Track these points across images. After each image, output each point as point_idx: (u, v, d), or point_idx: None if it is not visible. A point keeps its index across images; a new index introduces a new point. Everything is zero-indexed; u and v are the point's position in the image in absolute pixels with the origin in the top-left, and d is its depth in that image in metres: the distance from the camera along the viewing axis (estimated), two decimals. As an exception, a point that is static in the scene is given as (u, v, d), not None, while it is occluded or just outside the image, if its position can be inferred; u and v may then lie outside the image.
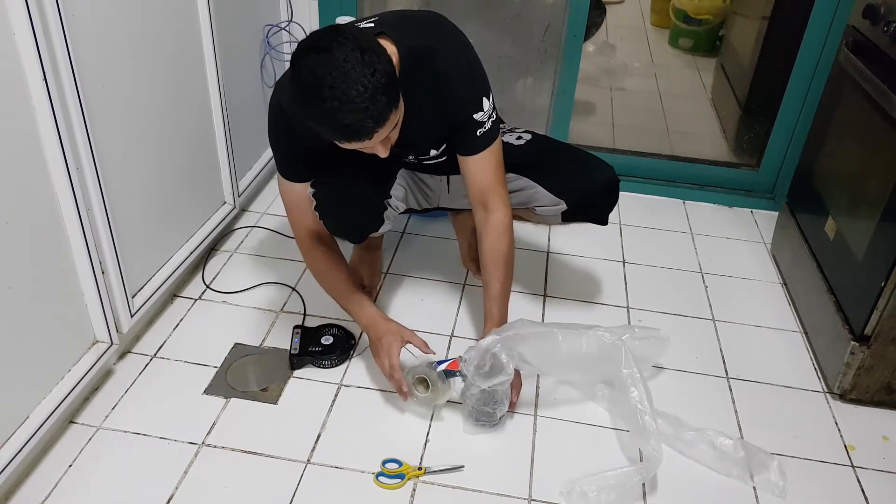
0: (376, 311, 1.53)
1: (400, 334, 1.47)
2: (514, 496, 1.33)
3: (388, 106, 1.17)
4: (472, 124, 1.41)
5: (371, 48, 1.16)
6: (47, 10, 1.20)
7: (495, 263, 1.48)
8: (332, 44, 1.14)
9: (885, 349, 1.50)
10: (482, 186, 1.47)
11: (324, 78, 1.13)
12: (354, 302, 1.55)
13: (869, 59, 1.61)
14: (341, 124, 1.16)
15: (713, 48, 3.66)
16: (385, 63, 1.17)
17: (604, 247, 2.11)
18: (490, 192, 1.47)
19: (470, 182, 1.48)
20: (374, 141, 1.22)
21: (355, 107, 1.13)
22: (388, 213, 1.57)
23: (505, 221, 1.48)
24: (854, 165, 1.69)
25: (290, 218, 1.59)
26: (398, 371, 1.44)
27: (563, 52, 2.24)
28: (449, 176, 1.69)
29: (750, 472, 1.38)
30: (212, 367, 1.58)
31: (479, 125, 1.42)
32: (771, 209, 2.33)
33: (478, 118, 1.41)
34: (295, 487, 1.32)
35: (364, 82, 1.13)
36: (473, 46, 1.43)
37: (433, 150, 1.51)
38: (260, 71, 2.17)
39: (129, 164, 1.53)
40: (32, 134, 1.24)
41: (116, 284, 1.49)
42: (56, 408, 1.34)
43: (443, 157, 1.55)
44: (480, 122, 1.42)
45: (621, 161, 2.45)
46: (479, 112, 1.41)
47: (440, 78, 1.37)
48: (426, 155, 1.53)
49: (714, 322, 1.82)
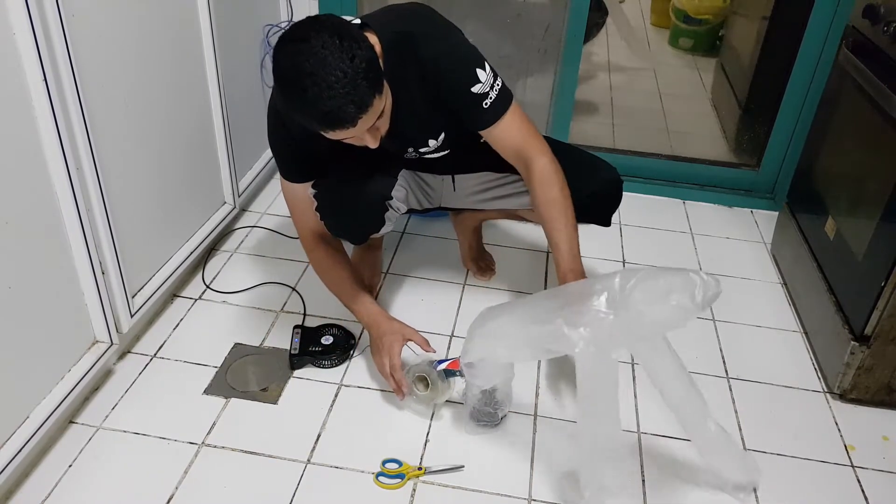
0: (378, 309, 1.53)
1: (401, 333, 1.47)
2: (514, 496, 1.33)
3: (369, 91, 1.15)
4: (474, 99, 1.37)
5: (350, 35, 1.15)
6: (47, 10, 1.20)
7: (550, 213, 1.40)
8: (310, 32, 1.13)
9: (885, 349, 1.50)
10: (515, 148, 1.42)
11: (302, 66, 1.12)
12: (357, 300, 1.55)
13: (869, 59, 1.61)
14: (322, 112, 1.14)
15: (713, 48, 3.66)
16: (366, 49, 1.15)
17: (604, 247, 2.11)
18: (525, 146, 1.42)
19: (503, 150, 1.44)
20: (359, 129, 1.19)
21: (335, 92, 1.12)
22: (390, 215, 1.57)
23: (549, 167, 1.41)
24: (854, 165, 1.69)
25: (293, 218, 1.59)
26: (398, 371, 1.44)
27: (563, 52, 2.24)
28: (454, 175, 1.69)
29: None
30: (212, 367, 1.58)
31: (483, 97, 1.37)
32: (771, 209, 2.33)
33: (477, 91, 1.36)
34: (295, 487, 1.32)
35: (343, 68, 1.12)
36: (464, 33, 1.40)
37: (432, 141, 1.49)
38: (260, 71, 2.17)
39: (129, 164, 1.53)
40: (32, 134, 1.24)
41: (116, 284, 1.49)
42: (56, 408, 1.34)
43: (445, 149, 1.53)
44: (483, 93, 1.37)
45: (621, 161, 2.44)
46: (477, 84, 1.36)
47: (425, 63, 1.34)
48: (425, 147, 1.51)
49: (714, 322, 1.82)
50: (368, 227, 1.58)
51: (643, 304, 1.16)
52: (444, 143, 1.51)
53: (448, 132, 1.49)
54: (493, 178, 1.67)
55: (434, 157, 1.56)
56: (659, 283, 1.17)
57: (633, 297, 1.16)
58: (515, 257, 2.02)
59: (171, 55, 1.65)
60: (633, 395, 1.57)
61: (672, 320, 1.17)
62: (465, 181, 1.70)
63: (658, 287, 1.17)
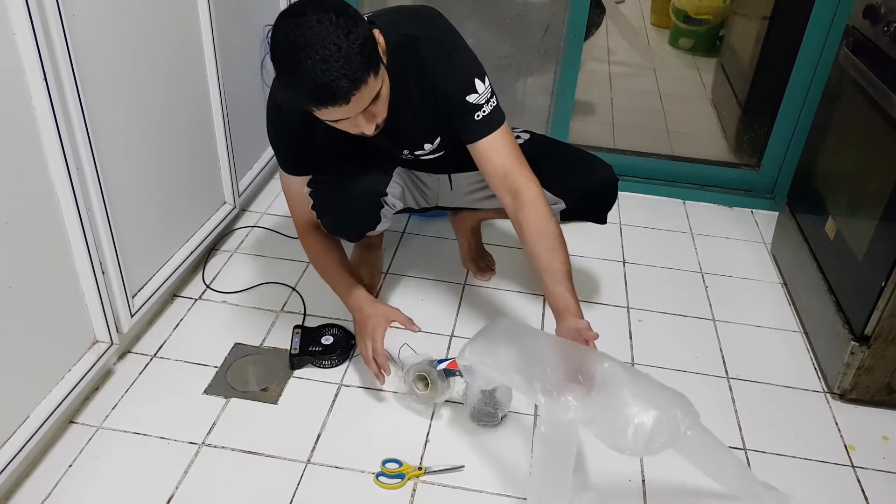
0: (363, 293, 1.53)
1: (384, 315, 1.46)
2: (514, 496, 1.33)
3: (364, 68, 1.14)
4: (467, 108, 1.36)
5: (347, 13, 1.14)
6: (47, 10, 1.20)
7: (550, 246, 1.33)
8: (307, 8, 1.13)
9: (885, 349, 1.50)
10: (502, 170, 1.37)
11: (297, 40, 1.12)
12: (344, 285, 1.55)
13: (869, 59, 1.61)
14: (315, 84, 1.13)
15: (713, 48, 3.66)
16: (363, 28, 1.15)
17: (604, 247, 2.11)
18: (513, 173, 1.37)
19: (488, 170, 1.39)
20: (353, 108, 1.18)
21: (329, 66, 1.11)
22: (385, 212, 1.57)
23: (542, 198, 1.35)
24: (854, 165, 1.69)
25: (289, 206, 1.60)
26: (381, 356, 1.43)
27: (563, 52, 2.24)
28: (451, 174, 1.69)
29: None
30: (212, 367, 1.58)
31: (476, 108, 1.36)
32: (771, 209, 2.33)
33: (472, 101, 1.35)
34: (295, 487, 1.32)
35: (338, 43, 1.11)
36: (468, 43, 1.40)
37: (427, 145, 1.50)
38: (260, 71, 2.17)
39: (129, 164, 1.53)
40: (32, 134, 1.24)
41: (116, 284, 1.49)
42: (56, 408, 1.34)
43: (440, 151, 1.53)
44: (477, 105, 1.35)
45: (621, 161, 2.45)
46: (473, 94, 1.35)
47: (425, 65, 1.34)
48: (420, 150, 1.51)
49: (714, 322, 1.82)
50: (364, 224, 1.58)
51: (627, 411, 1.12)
52: (439, 146, 1.51)
53: (444, 137, 1.49)
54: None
55: (430, 158, 1.56)
56: (654, 398, 1.14)
57: (622, 394, 1.12)
58: (515, 257, 2.02)
59: (171, 55, 1.65)
60: (633, 395, 1.57)
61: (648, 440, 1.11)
62: (461, 180, 1.70)
63: (649, 401, 1.13)
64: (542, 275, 1.33)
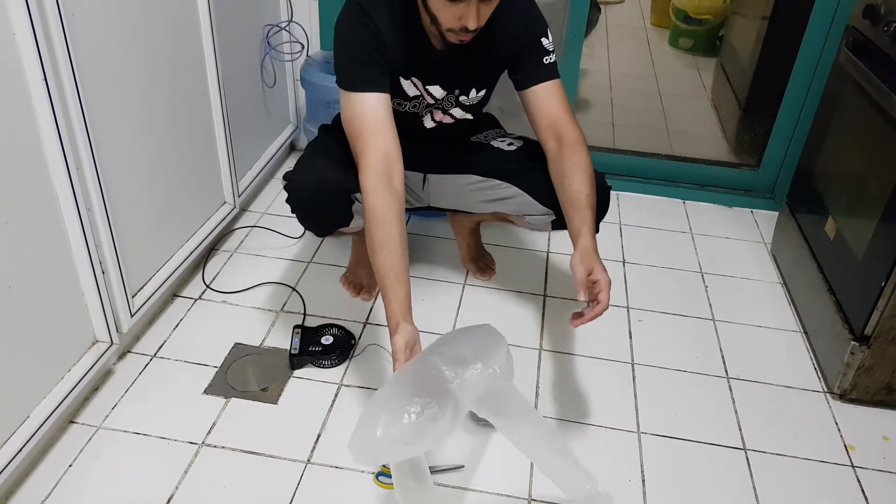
0: (398, 310, 1.27)
1: (406, 354, 1.24)
2: (514, 496, 1.33)
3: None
4: (540, 49, 1.45)
5: None
6: (47, 10, 1.20)
7: (581, 180, 1.40)
8: None
9: (885, 349, 1.50)
10: (551, 117, 1.45)
11: None
12: (386, 292, 1.29)
13: (869, 59, 1.61)
14: None
15: (713, 48, 3.66)
16: None
17: (604, 247, 2.08)
18: (561, 120, 1.45)
19: (538, 113, 1.47)
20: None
21: None
22: (357, 207, 1.53)
23: (584, 144, 1.44)
24: (854, 165, 1.69)
25: (359, 143, 1.35)
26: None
27: (563, 51, 2.24)
28: (426, 175, 1.68)
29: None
30: (212, 367, 1.58)
31: (546, 53, 1.45)
32: (771, 209, 2.33)
33: (545, 44, 1.45)
34: (295, 487, 1.32)
35: None
36: None
37: (473, 91, 1.53)
38: (260, 71, 2.17)
39: (129, 164, 1.53)
40: (32, 134, 1.24)
41: (116, 284, 1.49)
42: (56, 408, 1.34)
43: (471, 112, 1.57)
44: (548, 49, 1.45)
45: (621, 161, 2.46)
46: (546, 39, 1.45)
47: (513, 2, 1.41)
48: (466, 96, 1.53)
49: (714, 322, 1.82)
50: (335, 219, 1.58)
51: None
52: (479, 102, 1.56)
53: (489, 89, 1.55)
54: (476, 180, 1.65)
55: (455, 121, 1.58)
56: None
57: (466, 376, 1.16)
58: (515, 257, 2.02)
59: (171, 55, 1.65)
60: (633, 394, 1.57)
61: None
62: (437, 181, 1.69)
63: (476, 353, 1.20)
64: (566, 206, 1.41)
